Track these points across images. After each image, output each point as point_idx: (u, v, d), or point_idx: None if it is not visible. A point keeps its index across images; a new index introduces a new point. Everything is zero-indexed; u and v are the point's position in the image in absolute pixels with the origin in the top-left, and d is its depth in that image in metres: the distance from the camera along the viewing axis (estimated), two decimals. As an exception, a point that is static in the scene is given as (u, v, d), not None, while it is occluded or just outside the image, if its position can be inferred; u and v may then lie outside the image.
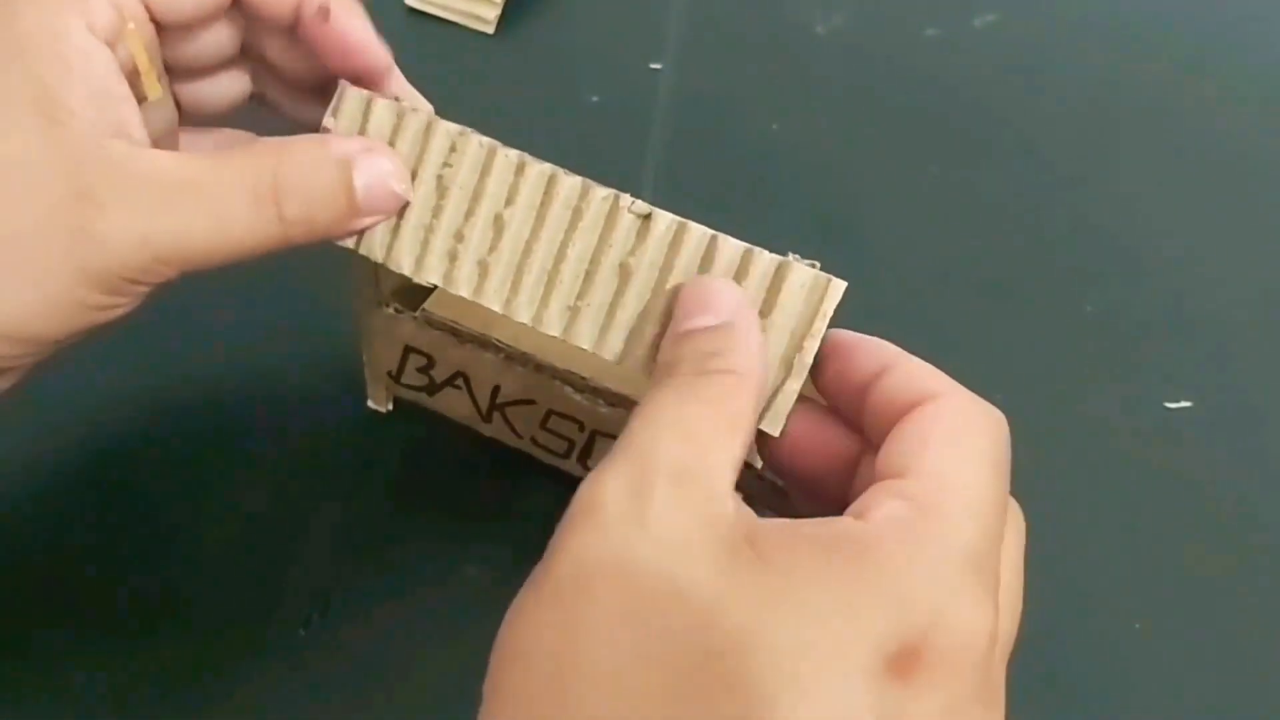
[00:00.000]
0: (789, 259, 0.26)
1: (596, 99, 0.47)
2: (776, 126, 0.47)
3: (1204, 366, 0.41)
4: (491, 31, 0.50)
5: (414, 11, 0.50)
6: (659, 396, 0.24)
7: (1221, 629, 0.35)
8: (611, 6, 0.51)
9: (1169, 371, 0.41)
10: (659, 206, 0.27)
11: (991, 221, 0.45)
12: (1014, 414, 0.38)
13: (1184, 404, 0.40)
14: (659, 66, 0.49)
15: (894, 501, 0.23)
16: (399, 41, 0.34)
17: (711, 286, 0.26)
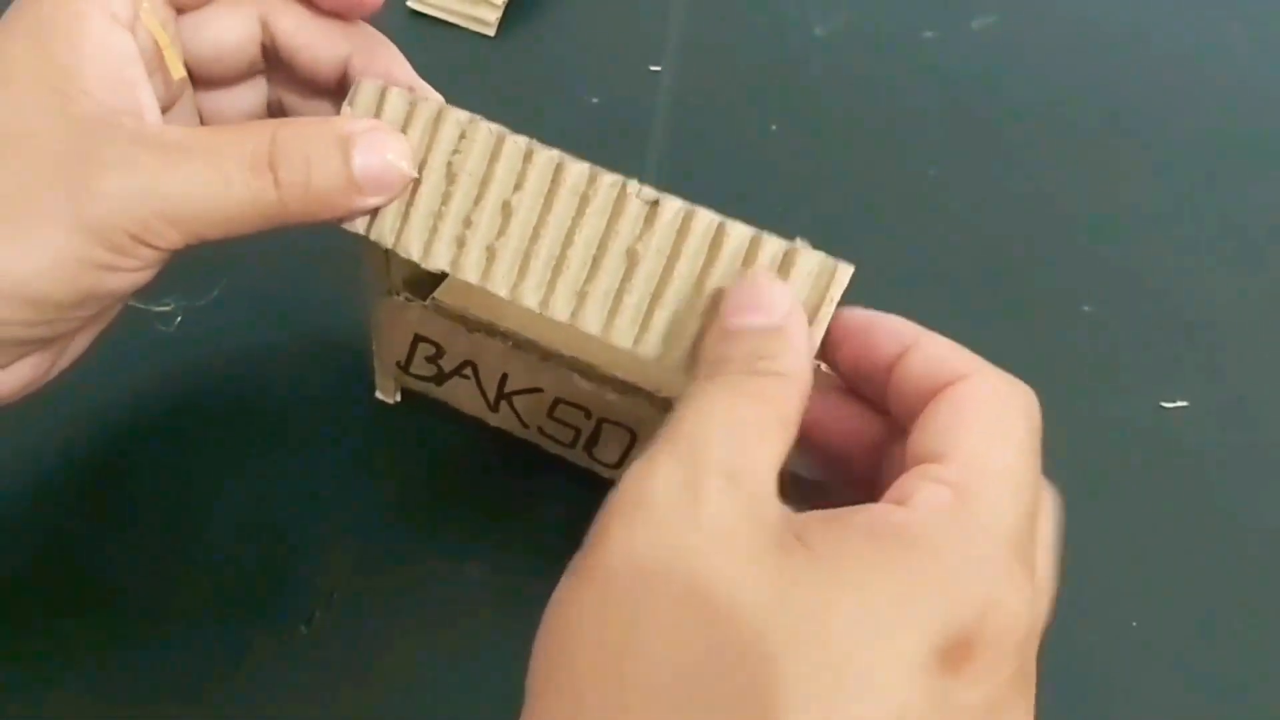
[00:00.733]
0: (796, 244, 0.26)
1: (596, 100, 0.47)
2: (776, 127, 0.47)
3: (1200, 366, 0.41)
4: (492, 34, 0.50)
5: (414, 13, 0.50)
6: (710, 391, 0.24)
7: (1220, 628, 0.35)
8: (611, 8, 0.51)
9: (1165, 371, 0.41)
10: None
11: (990, 222, 0.45)
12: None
13: (1180, 404, 0.40)
14: (659, 68, 0.49)
15: (934, 486, 0.23)
16: (399, 43, 0.34)
17: (763, 285, 0.26)
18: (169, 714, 0.33)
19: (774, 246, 0.26)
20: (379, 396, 0.38)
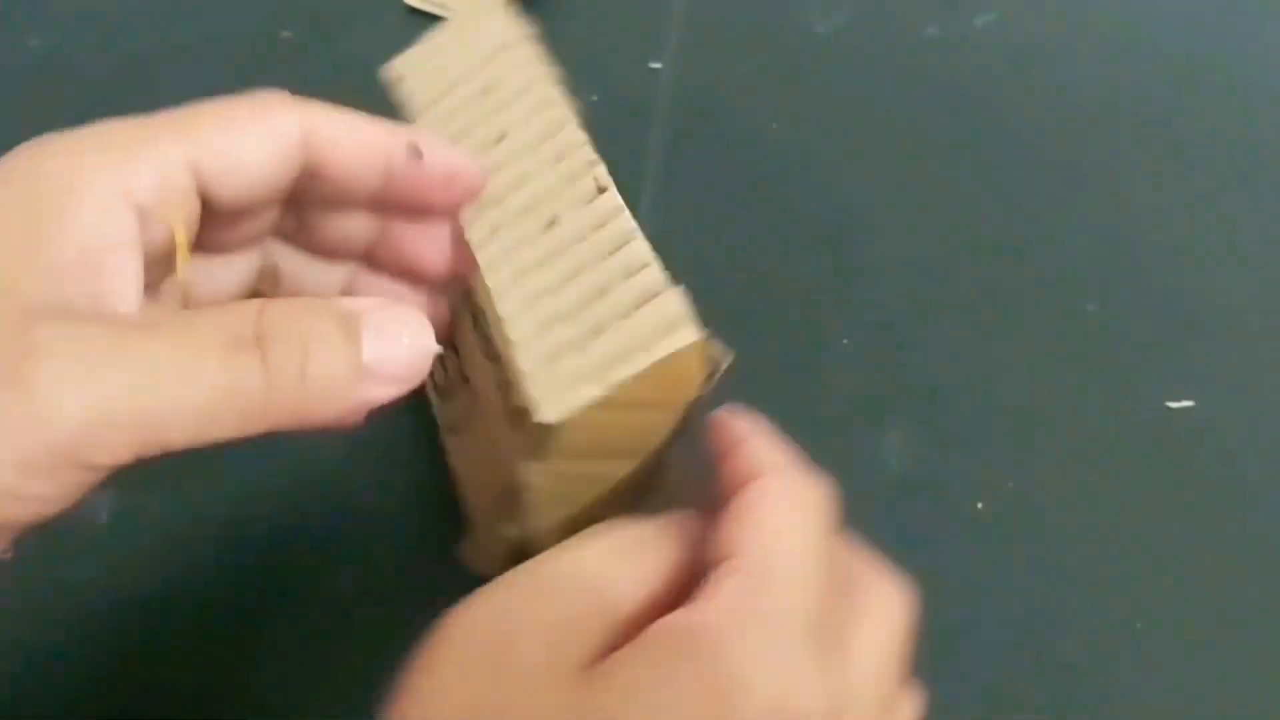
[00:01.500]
0: (674, 291, 0.26)
1: (596, 98, 0.46)
2: (776, 126, 0.47)
3: (1206, 366, 0.41)
4: (491, 31, 0.50)
5: (414, 11, 0.50)
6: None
7: (1224, 629, 0.35)
8: (611, 6, 0.51)
9: (1170, 371, 0.41)
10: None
11: (991, 221, 0.45)
12: (1014, 413, 0.38)
13: (1186, 403, 0.40)
14: (659, 66, 0.49)
15: (727, 580, 0.23)
16: (399, 42, 0.34)
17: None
18: (167, 715, 0.32)
19: (653, 277, 0.26)
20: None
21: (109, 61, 0.32)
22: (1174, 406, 0.40)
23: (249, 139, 0.25)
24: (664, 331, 0.25)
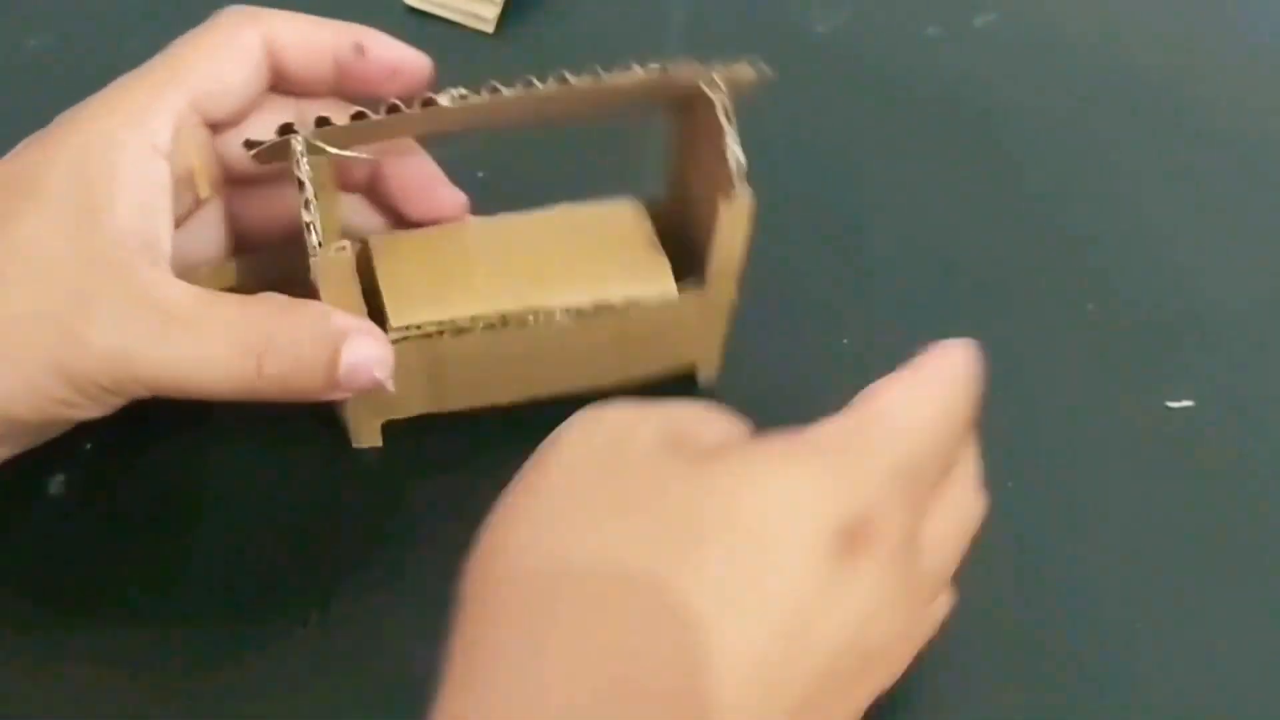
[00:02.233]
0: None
1: (596, 98, 0.46)
2: (777, 124, 0.47)
3: (1206, 365, 0.41)
4: (491, 30, 0.50)
5: (413, 10, 0.50)
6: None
7: (1225, 630, 0.35)
8: (611, 6, 0.51)
9: (1171, 370, 0.41)
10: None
11: (992, 221, 0.45)
12: (1015, 414, 0.38)
13: (1186, 403, 0.40)
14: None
15: (843, 415, 0.27)
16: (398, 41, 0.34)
17: None
18: (167, 715, 0.32)
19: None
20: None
21: (109, 61, 0.32)
22: (1174, 406, 0.40)
23: (227, 63, 0.31)
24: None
